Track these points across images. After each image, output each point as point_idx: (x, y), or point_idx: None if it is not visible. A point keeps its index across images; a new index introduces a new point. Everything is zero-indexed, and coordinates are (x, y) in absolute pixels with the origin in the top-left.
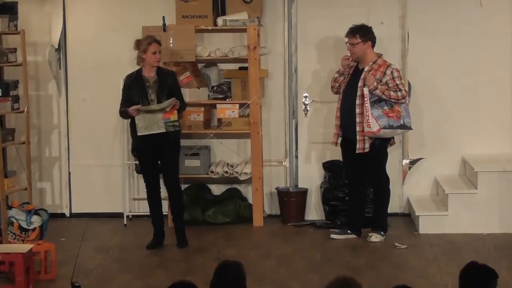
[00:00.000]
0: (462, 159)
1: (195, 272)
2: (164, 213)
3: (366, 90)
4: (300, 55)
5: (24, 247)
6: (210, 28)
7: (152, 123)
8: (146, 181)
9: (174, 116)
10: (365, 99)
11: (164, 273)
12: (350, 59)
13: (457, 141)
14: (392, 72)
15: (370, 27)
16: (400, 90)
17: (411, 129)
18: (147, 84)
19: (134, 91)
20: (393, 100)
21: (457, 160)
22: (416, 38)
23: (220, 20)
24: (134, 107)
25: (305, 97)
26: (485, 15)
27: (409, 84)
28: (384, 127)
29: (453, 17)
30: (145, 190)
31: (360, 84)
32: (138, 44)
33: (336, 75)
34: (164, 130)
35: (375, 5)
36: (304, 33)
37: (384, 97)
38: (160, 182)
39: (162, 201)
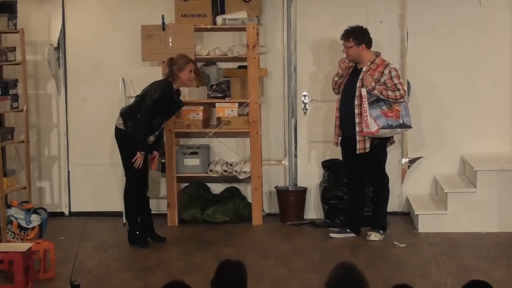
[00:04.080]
0: (461, 158)
1: (194, 271)
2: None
3: (364, 91)
4: (299, 54)
5: (23, 246)
6: (209, 27)
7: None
8: (138, 181)
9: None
10: (363, 100)
11: (163, 272)
12: (347, 61)
13: (456, 140)
14: (390, 72)
15: (365, 29)
16: (398, 89)
17: (411, 127)
18: (172, 101)
19: (161, 107)
20: (391, 100)
21: (456, 159)
22: (415, 38)
23: (219, 19)
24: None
25: (304, 96)
26: (484, 15)
27: (408, 83)
28: (383, 127)
29: (453, 17)
30: (131, 190)
31: (358, 84)
32: (171, 64)
33: (336, 78)
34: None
35: (374, 5)
36: (303, 32)
37: (382, 97)
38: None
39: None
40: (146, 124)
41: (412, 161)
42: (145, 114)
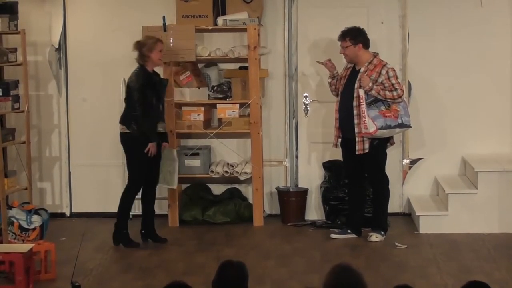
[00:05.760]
0: (462, 159)
1: (194, 272)
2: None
3: (361, 92)
4: (300, 55)
5: (24, 247)
6: (210, 28)
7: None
8: (142, 178)
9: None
10: (361, 101)
11: (163, 273)
12: (329, 60)
13: (457, 141)
14: (387, 72)
15: (362, 29)
16: (396, 89)
17: (410, 127)
18: (155, 82)
19: (149, 92)
20: (389, 100)
21: (457, 160)
22: (416, 38)
23: (220, 20)
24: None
25: (305, 96)
26: (485, 15)
27: (409, 84)
28: (381, 128)
29: (453, 17)
30: (133, 190)
31: (356, 85)
32: (139, 46)
33: (329, 79)
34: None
35: (375, 5)
36: (304, 33)
37: (380, 97)
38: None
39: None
40: (146, 116)
41: (413, 162)
42: (140, 108)
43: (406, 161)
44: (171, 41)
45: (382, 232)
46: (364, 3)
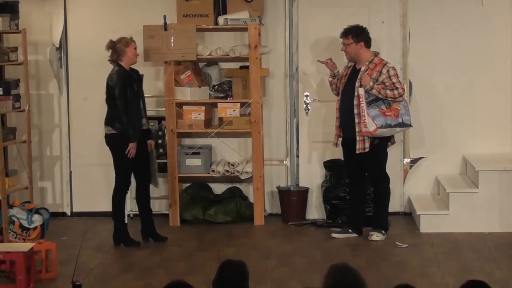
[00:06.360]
0: (463, 158)
1: (195, 272)
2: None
3: (361, 91)
4: (301, 54)
5: (25, 246)
6: (211, 27)
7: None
8: (128, 177)
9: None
10: (361, 100)
11: (164, 273)
12: (330, 59)
13: (458, 140)
14: (388, 71)
15: (364, 28)
16: (397, 88)
17: (411, 126)
18: (132, 80)
19: (129, 90)
20: (390, 99)
21: (458, 159)
22: (417, 37)
23: (221, 19)
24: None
25: (306, 96)
26: (486, 15)
27: (410, 83)
28: (381, 127)
29: (454, 16)
30: (121, 191)
31: (357, 84)
32: (113, 43)
33: (330, 78)
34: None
35: (376, 5)
36: (305, 32)
37: (380, 96)
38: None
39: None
40: (128, 115)
41: (414, 161)
42: (122, 108)
43: (407, 160)
44: (172, 41)
45: (383, 231)
46: (365, 2)
